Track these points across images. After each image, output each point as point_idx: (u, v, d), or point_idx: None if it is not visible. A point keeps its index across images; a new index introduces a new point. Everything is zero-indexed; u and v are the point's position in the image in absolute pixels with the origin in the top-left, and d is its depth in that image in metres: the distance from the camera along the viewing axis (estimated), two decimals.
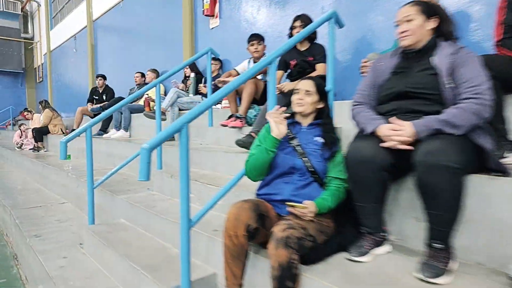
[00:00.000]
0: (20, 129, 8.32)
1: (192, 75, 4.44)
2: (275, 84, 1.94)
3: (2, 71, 14.44)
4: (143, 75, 6.01)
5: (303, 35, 2.11)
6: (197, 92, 4.42)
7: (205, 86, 4.38)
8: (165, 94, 5.22)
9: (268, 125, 1.72)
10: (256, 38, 3.24)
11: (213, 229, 1.89)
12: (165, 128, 1.52)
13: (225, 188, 1.75)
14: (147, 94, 5.01)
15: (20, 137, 8.03)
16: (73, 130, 6.16)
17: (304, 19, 2.86)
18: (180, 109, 4.19)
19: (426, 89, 1.47)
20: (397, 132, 1.38)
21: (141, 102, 5.45)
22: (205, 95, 4.29)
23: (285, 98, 2.79)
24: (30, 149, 7.27)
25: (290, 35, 2.94)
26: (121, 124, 5.42)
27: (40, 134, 7.11)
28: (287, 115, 1.67)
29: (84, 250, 2.54)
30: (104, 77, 6.39)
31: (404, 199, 1.56)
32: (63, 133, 7.03)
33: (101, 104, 6.03)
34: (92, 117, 6.36)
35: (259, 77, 3.16)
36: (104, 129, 5.74)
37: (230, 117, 3.21)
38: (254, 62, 3.33)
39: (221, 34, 4.77)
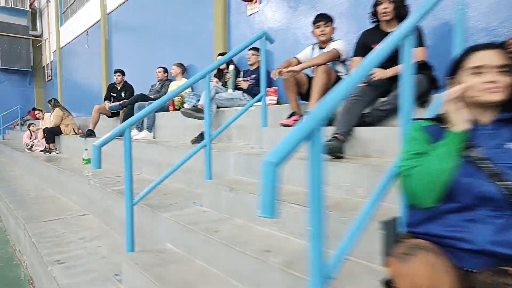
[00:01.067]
0: (29, 130, 7.83)
1: (231, 67, 3.86)
2: (410, 61, 1.35)
3: (10, 69, 13.99)
4: (165, 70, 5.50)
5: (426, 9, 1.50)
6: (236, 87, 3.84)
7: (244, 80, 3.82)
8: (193, 90, 4.68)
9: (418, 124, 1.15)
10: (323, 18, 2.65)
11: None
12: (289, 133, 0.95)
13: (364, 215, 1.15)
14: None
15: (30, 138, 7.53)
16: (89, 130, 5.66)
17: None
18: (218, 107, 3.62)
19: None
20: None
21: None
22: (245, 91, 3.72)
23: (373, 91, 2.22)
24: (41, 150, 6.76)
25: (374, 13, 2.36)
26: (143, 124, 4.87)
27: (52, 134, 6.62)
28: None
29: (123, 286, 1.98)
30: (122, 73, 5.86)
31: None
32: (76, 133, 6.53)
33: (120, 102, 5.47)
34: (109, 116, 5.83)
35: (329, 65, 2.57)
36: None
37: (292, 115, 2.64)
38: (320, 48, 2.75)
39: (261, 22, 4.19)
